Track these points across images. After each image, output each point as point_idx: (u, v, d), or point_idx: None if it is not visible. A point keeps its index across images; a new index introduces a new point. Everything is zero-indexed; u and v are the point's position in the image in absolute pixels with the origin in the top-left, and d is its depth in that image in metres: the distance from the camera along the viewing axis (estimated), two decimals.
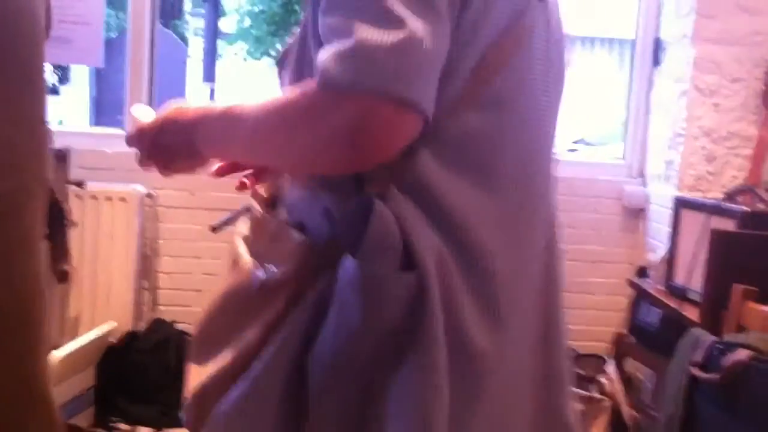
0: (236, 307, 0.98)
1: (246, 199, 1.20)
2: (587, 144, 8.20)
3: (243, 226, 1.14)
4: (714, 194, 3.50)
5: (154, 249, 3.92)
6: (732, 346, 1.95)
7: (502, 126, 0.94)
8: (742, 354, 1.89)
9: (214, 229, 2.25)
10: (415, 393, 0.86)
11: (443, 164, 0.91)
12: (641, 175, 4.13)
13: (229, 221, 2.36)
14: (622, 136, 4.30)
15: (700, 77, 3.68)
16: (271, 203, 1.08)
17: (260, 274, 0.96)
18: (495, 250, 0.94)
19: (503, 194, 0.96)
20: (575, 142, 8.97)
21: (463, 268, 0.92)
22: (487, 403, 0.93)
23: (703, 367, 2.02)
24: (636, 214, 4.07)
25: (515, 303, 0.96)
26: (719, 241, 2.56)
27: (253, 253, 1.01)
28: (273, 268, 0.95)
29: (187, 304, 3.88)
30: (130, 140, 1.10)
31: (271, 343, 0.91)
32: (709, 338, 2.07)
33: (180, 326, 3.67)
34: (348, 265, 0.87)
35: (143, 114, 1.10)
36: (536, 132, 1.01)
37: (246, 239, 1.08)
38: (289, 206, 1.04)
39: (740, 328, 2.17)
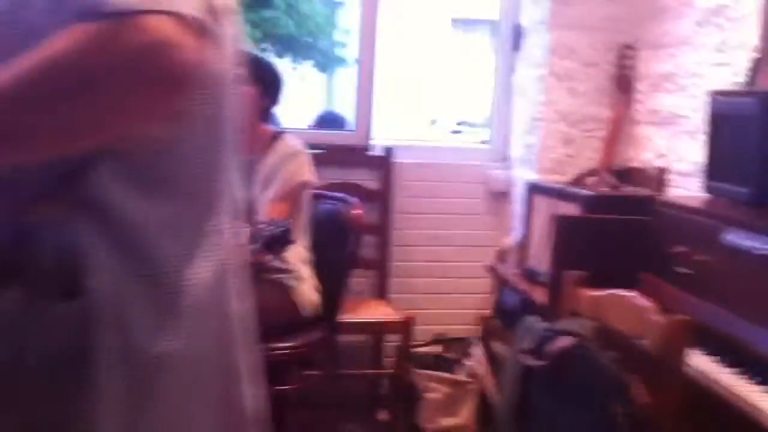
0: None
1: None
2: (470, 125, 8.28)
3: None
4: (572, 177, 3.58)
5: None
6: (558, 333, 2.00)
7: (179, 136, 0.93)
8: (565, 341, 1.94)
9: None
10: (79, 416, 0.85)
11: (119, 178, 0.89)
12: (506, 159, 4.19)
13: None
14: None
15: (556, 62, 3.75)
16: None
17: None
18: (178, 257, 0.93)
19: (182, 203, 0.95)
20: (459, 124, 9.08)
21: (143, 280, 0.91)
22: (163, 403, 0.94)
23: (535, 353, 2.06)
24: (501, 198, 4.14)
25: (199, 304, 0.96)
26: (560, 226, 2.62)
27: None
28: None
29: None
30: None
31: None
32: (540, 325, 2.11)
33: None
34: (9, 293, 0.84)
35: None
36: (216, 140, 1.00)
37: None
38: None
39: (573, 313, 2.23)
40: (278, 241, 2.57)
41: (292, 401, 3.53)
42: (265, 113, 3.21)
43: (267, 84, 3.16)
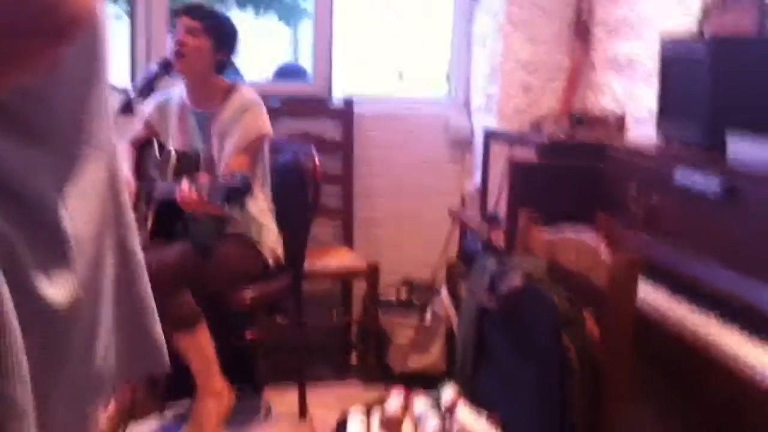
0: None
1: None
2: (436, 75, 8.29)
3: None
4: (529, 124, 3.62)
5: None
6: (509, 273, 2.05)
7: (46, 85, 0.93)
8: (516, 280, 1.99)
9: None
10: None
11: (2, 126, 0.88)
12: (467, 107, 4.22)
13: None
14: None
15: (514, 11, 3.77)
16: None
17: None
18: (54, 202, 0.92)
19: (54, 147, 0.95)
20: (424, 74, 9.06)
21: (26, 228, 0.90)
22: (72, 349, 0.95)
23: (488, 293, 2.12)
24: (462, 146, 4.18)
25: (85, 243, 0.96)
26: (515, 171, 2.67)
27: None
28: None
29: None
30: None
31: None
32: (493, 265, 2.16)
33: None
34: None
35: None
36: (82, 89, 1.00)
37: None
38: None
39: (527, 252, 2.28)
40: (237, 194, 2.58)
41: (261, 349, 3.59)
42: (219, 66, 3.21)
43: (221, 36, 3.15)
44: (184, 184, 2.76)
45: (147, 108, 3.29)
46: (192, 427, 3.01)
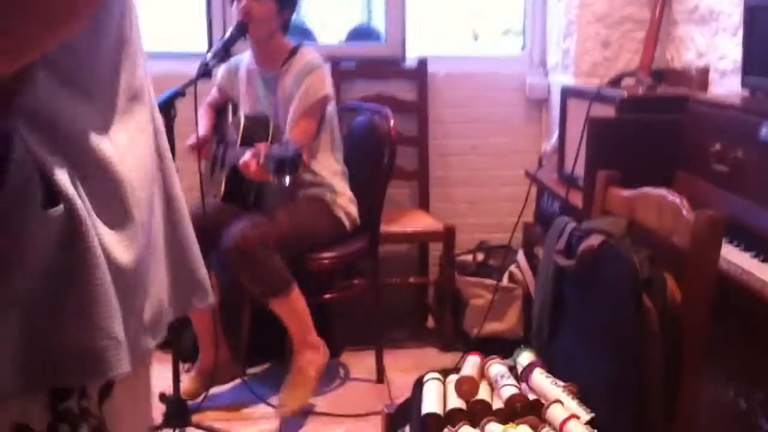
0: None
1: None
2: (514, 34, 8.15)
3: None
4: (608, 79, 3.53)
5: None
6: (588, 233, 2.00)
7: (84, 44, 0.94)
8: (594, 240, 1.94)
9: None
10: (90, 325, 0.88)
11: (55, 84, 0.90)
12: (543, 65, 4.14)
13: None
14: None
15: None
16: None
17: None
18: (112, 156, 0.94)
19: (99, 99, 0.96)
20: (504, 33, 8.92)
21: (91, 185, 0.91)
22: (137, 299, 0.99)
23: (565, 253, 2.07)
24: (539, 105, 4.10)
25: (137, 190, 0.98)
26: (594, 128, 2.60)
27: None
28: None
29: None
30: None
31: None
32: (570, 225, 2.11)
33: None
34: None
35: None
36: (117, 47, 1.01)
37: None
38: None
39: (605, 213, 2.22)
40: (285, 164, 2.58)
41: (338, 310, 3.61)
42: (284, 26, 3.21)
43: None
44: (248, 152, 2.79)
45: (219, 73, 3.32)
46: (294, 376, 3.08)
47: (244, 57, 3.33)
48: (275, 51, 3.20)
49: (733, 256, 2.05)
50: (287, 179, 2.58)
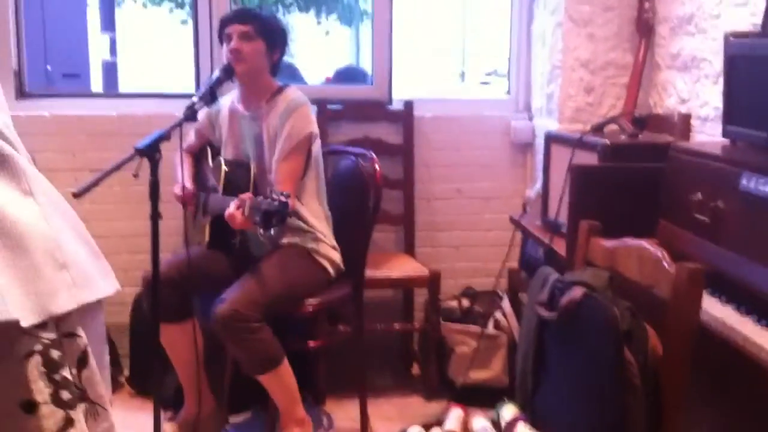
0: None
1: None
2: (499, 75, 8.22)
3: None
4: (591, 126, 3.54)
5: None
6: (570, 285, 2.00)
7: None
8: (576, 292, 1.94)
9: (76, 195, 2.23)
10: None
11: None
12: (528, 109, 4.16)
13: (92, 185, 2.34)
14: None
15: (574, 7, 3.69)
16: None
17: None
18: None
19: None
20: (488, 74, 9.00)
21: None
22: None
23: (548, 305, 2.07)
24: (523, 149, 4.11)
25: None
26: (576, 176, 2.60)
27: None
28: None
29: None
30: None
31: None
32: (553, 276, 2.11)
33: None
34: None
35: None
36: None
37: None
38: None
39: (588, 263, 2.22)
40: (275, 217, 2.57)
41: (322, 358, 3.58)
42: (273, 67, 3.22)
43: (273, 36, 3.16)
44: (232, 204, 2.77)
45: (199, 116, 3.31)
46: None
47: (225, 100, 3.31)
48: (261, 90, 3.19)
49: (715, 309, 2.04)
50: (273, 230, 2.57)
